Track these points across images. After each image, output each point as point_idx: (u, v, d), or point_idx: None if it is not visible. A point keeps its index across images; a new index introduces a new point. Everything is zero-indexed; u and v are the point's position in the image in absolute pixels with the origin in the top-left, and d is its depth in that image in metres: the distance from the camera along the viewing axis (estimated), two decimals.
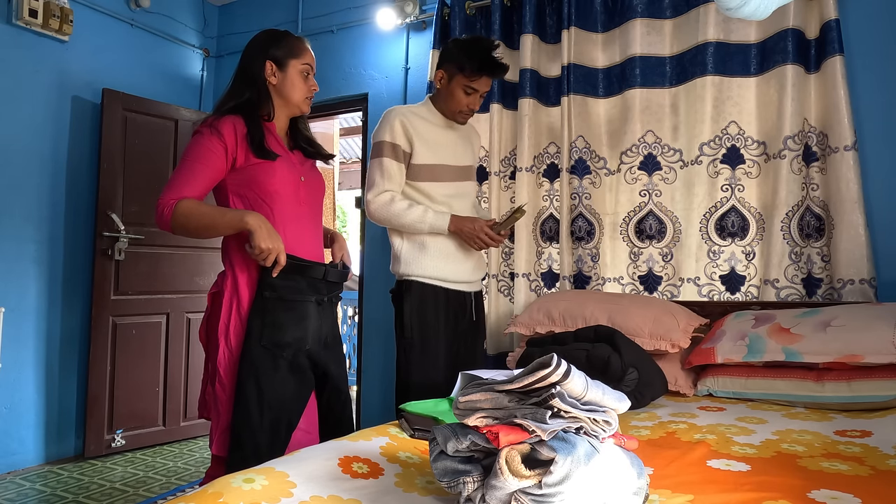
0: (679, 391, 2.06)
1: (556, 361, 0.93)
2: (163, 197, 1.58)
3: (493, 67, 2.04)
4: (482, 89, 2.08)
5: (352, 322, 6.32)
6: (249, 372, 1.59)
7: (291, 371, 1.65)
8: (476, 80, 2.05)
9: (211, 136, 1.61)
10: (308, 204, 1.76)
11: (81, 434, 3.29)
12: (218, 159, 1.62)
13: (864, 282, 2.24)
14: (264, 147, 1.64)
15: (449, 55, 2.09)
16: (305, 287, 1.67)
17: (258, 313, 1.62)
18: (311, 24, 3.76)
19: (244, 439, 1.57)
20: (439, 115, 2.15)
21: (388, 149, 2.07)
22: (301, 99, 1.75)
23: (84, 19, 3.38)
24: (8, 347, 3.02)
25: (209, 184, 1.64)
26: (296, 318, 1.65)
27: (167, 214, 1.56)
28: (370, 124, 3.54)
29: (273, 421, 1.61)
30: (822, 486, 1.14)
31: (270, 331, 1.61)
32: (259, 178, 1.65)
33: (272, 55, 1.71)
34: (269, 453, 1.54)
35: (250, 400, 1.59)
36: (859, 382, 1.79)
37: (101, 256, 3.30)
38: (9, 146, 3.08)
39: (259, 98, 1.70)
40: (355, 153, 8.14)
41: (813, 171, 2.39)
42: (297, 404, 1.68)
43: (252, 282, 1.65)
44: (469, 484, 0.97)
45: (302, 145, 1.82)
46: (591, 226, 2.77)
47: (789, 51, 2.38)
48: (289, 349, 1.64)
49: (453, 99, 2.09)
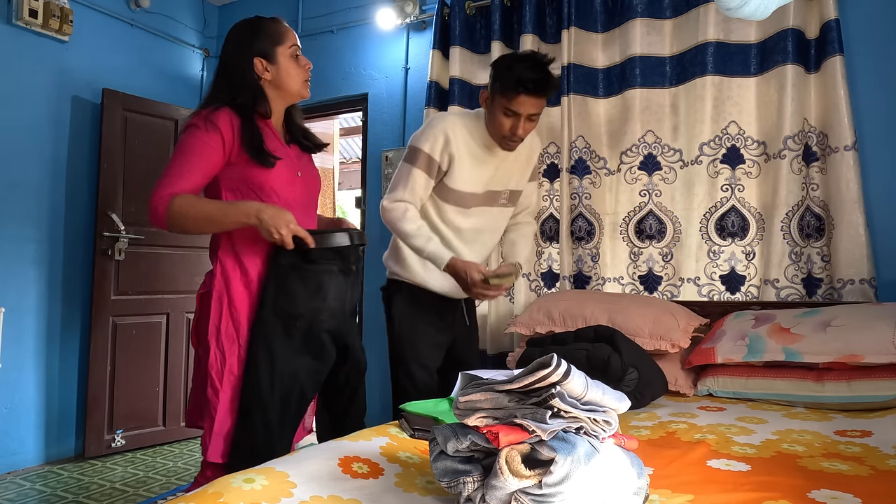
0: (679, 391, 2.06)
1: (556, 361, 0.93)
2: (156, 192, 1.49)
3: (532, 85, 1.78)
4: (524, 111, 1.83)
5: None
6: (260, 340, 1.52)
7: (305, 342, 1.57)
8: (514, 99, 1.81)
9: (207, 129, 1.52)
10: (304, 200, 1.69)
11: (81, 434, 3.28)
12: (214, 153, 1.53)
13: (864, 282, 2.24)
14: (263, 151, 1.56)
15: (493, 71, 1.90)
16: (330, 255, 1.58)
17: (271, 281, 1.54)
18: (311, 24, 3.76)
19: (254, 410, 1.51)
20: (487, 136, 1.94)
21: (423, 160, 1.89)
22: (300, 84, 1.65)
23: (84, 19, 3.38)
24: (8, 347, 3.02)
25: (205, 178, 1.55)
26: (311, 289, 1.56)
27: (162, 210, 1.47)
28: (370, 124, 3.54)
29: (284, 392, 1.53)
30: (822, 486, 1.14)
31: (283, 300, 1.54)
32: (254, 174, 1.56)
33: (258, 50, 1.60)
34: (279, 426, 1.51)
35: (260, 369, 1.51)
36: (859, 382, 1.79)
37: (101, 256, 3.30)
38: (9, 146, 3.08)
39: (255, 100, 1.60)
40: (355, 153, 8.13)
41: (813, 171, 2.39)
42: (312, 377, 1.60)
43: (246, 280, 1.57)
44: (469, 484, 0.97)
45: (299, 139, 1.73)
46: (591, 226, 2.77)
47: (789, 51, 2.38)
48: (302, 320, 1.56)
49: (495, 122, 1.88)
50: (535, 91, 1.80)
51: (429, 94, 3.12)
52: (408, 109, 3.39)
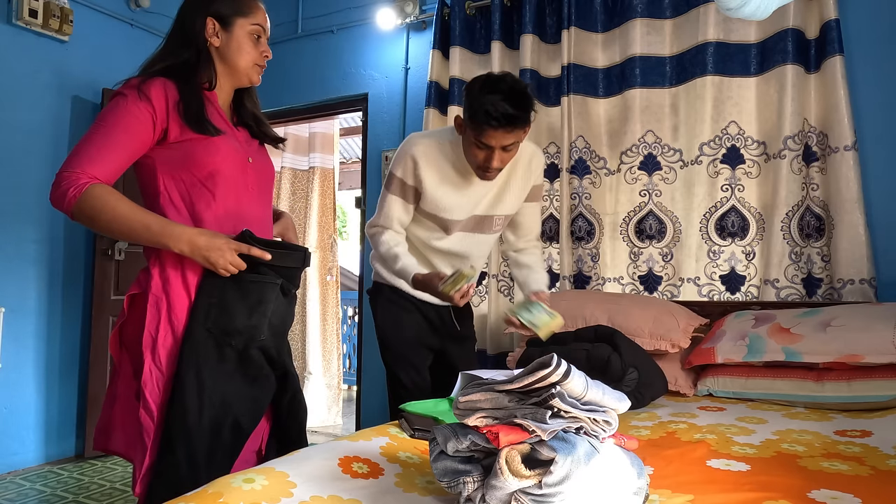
0: (679, 391, 2.06)
1: (555, 361, 0.93)
2: (68, 170, 1.26)
3: (503, 120, 1.60)
4: (496, 144, 1.65)
5: (352, 322, 6.32)
6: (190, 360, 1.31)
7: (241, 364, 1.36)
8: (483, 132, 1.64)
9: (138, 99, 1.30)
10: (256, 190, 1.47)
11: (81, 434, 3.29)
12: (144, 129, 1.31)
13: (864, 282, 2.24)
14: (203, 119, 1.35)
15: (464, 95, 1.71)
16: (271, 269, 1.38)
17: (206, 291, 1.34)
18: (311, 24, 3.76)
19: (176, 441, 1.28)
20: (465, 159, 1.79)
21: (396, 185, 1.83)
22: (249, 65, 1.45)
23: (84, 19, 3.38)
24: (8, 347, 3.02)
25: (129, 159, 1.32)
26: (251, 303, 1.36)
27: (72, 196, 1.24)
28: (370, 124, 3.54)
29: (214, 420, 1.32)
30: (822, 486, 1.14)
31: (217, 314, 1.33)
32: (197, 156, 1.35)
33: (215, 11, 1.41)
34: (207, 459, 1.30)
35: (187, 393, 1.29)
36: (859, 382, 1.79)
37: (101, 256, 3.30)
38: (9, 146, 3.08)
39: (198, 61, 1.40)
40: (355, 153, 8.13)
41: (813, 171, 2.39)
42: (247, 404, 1.38)
43: (187, 284, 1.35)
44: (469, 484, 0.97)
45: (249, 123, 1.52)
46: (591, 226, 2.77)
47: (789, 51, 2.38)
48: (238, 338, 1.35)
49: (468, 152, 1.74)
50: (508, 124, 1.61)
51: (429, 94, 3.12)
52: (408, 110, 3.39)
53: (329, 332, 4.57)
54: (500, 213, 1.92)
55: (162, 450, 1.29)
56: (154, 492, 1.27)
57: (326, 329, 4.57)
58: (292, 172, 4.56)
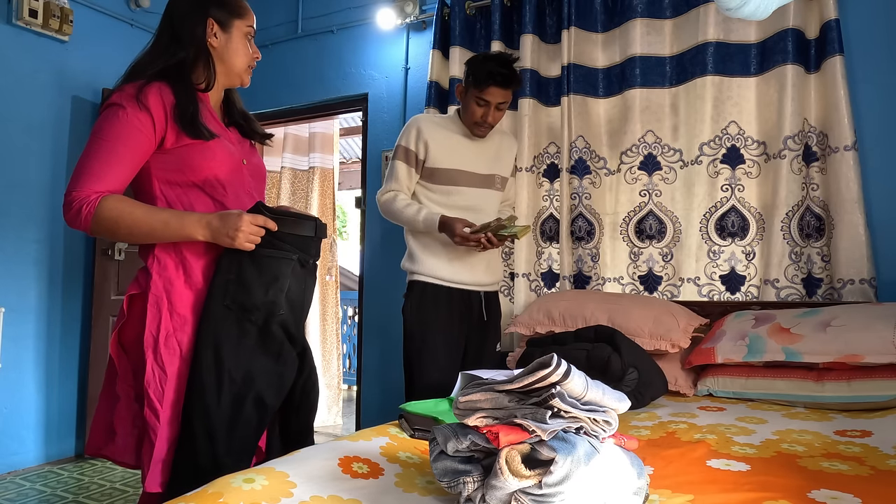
0: (679, 391, 2.06)
1: (556, 361, 0.93)
2: (77, 188, 1.27)
3: (500, 77, 2.07)
4: (493, 100, 2.11)
5: (352, 322, 6.33)
6: (208, 338, 1.31)
7: (263, 339, 1.36)
8: (485, 90, 2.09)
9: (138, 110, 1.29)
10: (252, 191, 1.48)
11: (81, 434, 3.29)
12: (146, 140, 1.31)
13: (864, 282, 2.24)
14: (198, 123, 1.34)
15: (466, 68, 2.16)
16: (291, 243, 1.39)
17: (224, 268, 1.34)
18: (311, 24, 3.76)
19: (195, 416, 1.28)
20: (462, 126, 2.22)
21: (401, 152, 2.17)
22: (244, 67, 1.48)
23: (84, 19, 3.38)
24: (8, 347, 3.02)
25: (133, 171, 1.33)
26: (267, 279, 1.35)
27: (87, 213, 1.26)
28: (370, 124, 3.54)
29: (235, 396, 1.32)
30: (822, 486, 1.14)
31: (235, 289, 1.33)
32: (193, 161, 1.35)
33: (213, 14, 1.42)
34: (227, 434, 1.30)
35: (205, 371, 1.29)
36: (859, 382, 1.79)
37: (101, 256, 3.30)
38: (9, 146, 3.08)
39: (196, 61, 1.40)
40: (355, 153, 8.13)
41: (813, 171, 2.39)
42: (271, 379, 1.38)
43: (190, 282, 1.35)
44: (469, 484, 0.97)
45: (238, 122, 1.53)
46: (591, 226, 2.76)
47: (789, 51, 2.38)
48: (258, 313, 1.34)
49: (468, 111, 2.15)
50: (504, 83, 2.08)
51: (429, 94, 3.12)
52: (408, 109, 3.39)
53: (329, 332, 4.57)
54: (500, 173, 2.30)
55: (182, 426, 1.30)
56: (175, 475, 1.29)
57: (326, 329, 4.57)
58: (292, 172, 4.55)
